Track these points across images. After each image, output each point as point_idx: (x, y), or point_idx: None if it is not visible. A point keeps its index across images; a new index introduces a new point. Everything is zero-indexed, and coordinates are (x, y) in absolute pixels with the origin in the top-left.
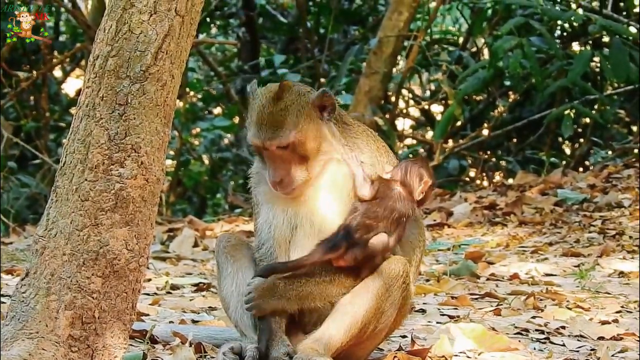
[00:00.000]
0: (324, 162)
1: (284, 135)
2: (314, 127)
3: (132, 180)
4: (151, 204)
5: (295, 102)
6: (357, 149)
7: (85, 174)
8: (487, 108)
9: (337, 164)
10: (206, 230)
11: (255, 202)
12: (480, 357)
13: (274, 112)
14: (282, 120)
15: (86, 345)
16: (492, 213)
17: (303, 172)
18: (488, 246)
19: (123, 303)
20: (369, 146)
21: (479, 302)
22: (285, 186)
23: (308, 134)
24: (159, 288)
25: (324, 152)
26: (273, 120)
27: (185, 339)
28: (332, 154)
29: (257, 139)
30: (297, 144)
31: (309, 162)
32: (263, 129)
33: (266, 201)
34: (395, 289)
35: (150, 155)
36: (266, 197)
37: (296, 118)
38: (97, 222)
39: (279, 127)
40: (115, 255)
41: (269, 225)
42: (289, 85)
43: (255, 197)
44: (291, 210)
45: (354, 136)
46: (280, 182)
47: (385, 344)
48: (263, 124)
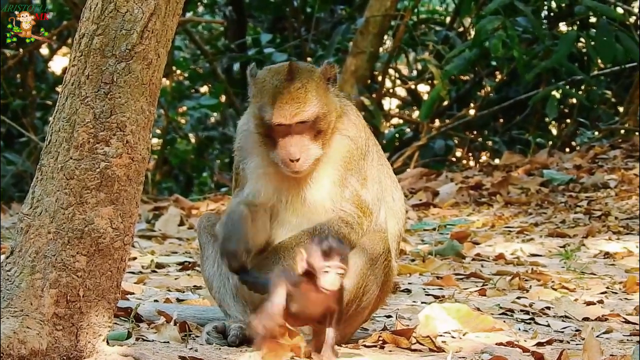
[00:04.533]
0: (332, 136)
1: (309, 110)
2: (328, 99)
3: (117, 158)
4: (136, 183)
5: (309, 78)
6: (347, 121)
7: (71, 153)
8: (473, 88)
9: (342, 137)
10: (192, 209)
11: (242, 173)
12: (465, 337)
13: (293, 90)
14: (305, 96)
15: (71, 323)
16: (478, 193)
17: (318, 149)
18: (474, 226)
19: (108, 281)
20: (357, 118)
21: (464, 282)
22: (302, 164)
23: (328, 106)
24: (144, 267)
25: (334, 125)
26: (295, 97)
27: (170, 317)
28: (338, 126)
29: (281, 116)
30: (320, 117)
31: (323, 137)
32: (286, 106)
33: (256, 175)
34: (377, 267)
35: (136, 134)
36: (257, 172)
37: (315, 92)
38: (82, 201)
39: (303, 102)
40: (100, 234)
41: (256, 192)
42: (297, 64)
43: (242, 171)
44: (284, 185)
45: (346, 108)
46: (298, 160)
47: (370, 323)
48: (284, 103)
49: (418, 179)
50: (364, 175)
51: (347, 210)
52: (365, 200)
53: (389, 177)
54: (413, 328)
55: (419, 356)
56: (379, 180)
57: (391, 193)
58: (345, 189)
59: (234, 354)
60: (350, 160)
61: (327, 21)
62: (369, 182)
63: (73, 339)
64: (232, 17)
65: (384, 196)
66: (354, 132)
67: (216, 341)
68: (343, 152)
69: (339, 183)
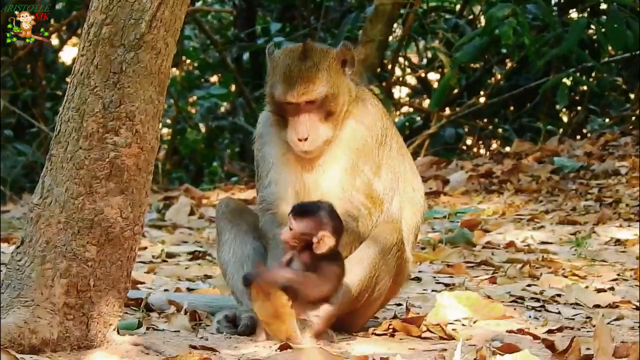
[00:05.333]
0: (345, 121)
1: (317, 89)
2: (341, 81)
3: (126, 148)
4: (146, 172)
5: (322, 58)
6: (364, 108)
7: (80, 143)
8: (483, 76)
9: (355, 128)
10: (202, 199)
11: (263, 164)
12: (476, 325)
13: (304, 69)
14: (315, 76)
15: (81, 313)
16: (489, 181)
17: (327, 130)
18: (484, 214)
19: (118, 271)
20: (374, 107)
21: (475, 270)
22: (311, 143)
23: (339, 88)
24: (155, 256)
25: (347, 109)
26: (304, 77)
27: (180, 307)
28: (350, 116)
29: (289, 94)
30: (329, 97)
31: (334, 119)
32: (295, 85)
33: (277, 162)
34: (389, 257)
35: (145, 124)
36: (277, 159)
37: (326, 73)
38: (92, 191)
39: (312, 81)
40: (110, 224)
41: (277, 183)
42: (312, 44)
43: (262, 160)
44: (301, 173)
45: (364, 95)
46: (306, 138)
47: (381, 312)
48: (294, 81)
49: (428, 167)
50: (378, 164)
51: (355, 202)
52: (377, 189)
53: (409, 167)
54: (423, 316)
55: (430, 344)
56: (395, 169)
57: (411, 183)
58: (357, 177)
59: (245, 343)
60: (363, 148)
61: (336, 10)
62: (383, 171)
63: (84, 328)
64: (242, 6)
65: (403, 186)
66: (369, 119)
67: (227, 330)
68: (357, 138)
69: (351, 170)
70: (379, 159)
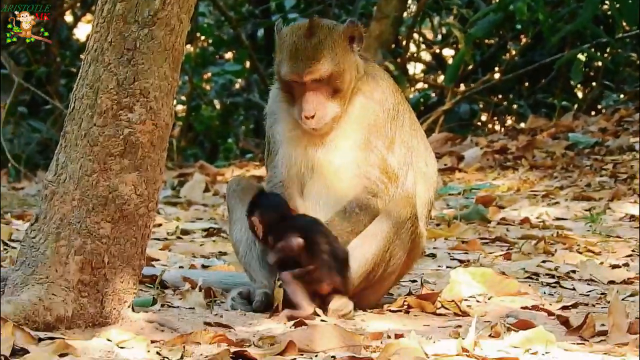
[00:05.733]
0: (351, 102)
1: (322, 67)
2: (348, 58)
3: (140, 125)
4: (160, 149)
5: (329, 35)
6: (374, 83)
7: (94, 119)
8: (498, 51)
9: (364, 104)
10: (217, 175)
11: (273, 141)
12: (490, 301)
13: (310, 47)
14: (319, 53)
15: (96, 290)
16: (503, 157)
17: (335, 107)
18: (499, 190)
19: (132, 248)
20: (385, 82)
21: (490, 247)
22: (317, 120)
23: (345, 65)
24: (169, 233)
25: (355, 85)
26: (310, 54)
27: (195, 284)
28: (359, 92)
29: (294, 73)
30: (335, 75)
31: (342, 96)
32: (300, 63)
33: (286, 140)
34: (403, 232)
35: (159, 100)
36: (286, 136)
37: (332, 50)
38: (106, 167)
39: (317, 59)
40: (125, 201)
41: (287, 161)
42: (318, 21)
43: (272, 137)
44: (312, 150)
45: (374, 71)
46: (313, 116)
47: (395, 288)
48: (300, 59)
49: (443, 143)
50: (391, 139)
51: (372, 177)
52: (391, 164)
53: (422, 142)
54: (438, 292)
55: (444, 320)
56: (408, 144)
57: (424, 158)
58: (371, 153)
59: (259, 319)
60: (375, 123)
61: None
62: (397, 146)
63: (98, 305)
64: None
65: (416, 161)
66: (380, 94)
67: (241, 307)
68: (368, 114)
69: (364, 147)
70: (392, 134)
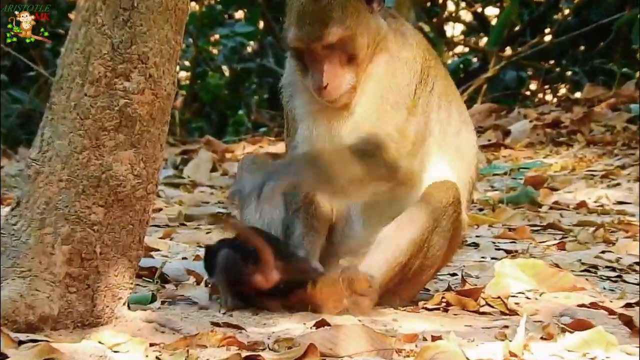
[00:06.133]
0: (375, 63)
1: (330, 32)
2: (363, 20)
3: (138, 95)
4: (161, 123)
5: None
6: (402, 41)
7: (85, 89)
8: (549, 10)
9: (390, 63)
10: (226, 153)
11: (290, 117)
12: (542, 297)
13: (317, 9)
14: (328, 17)
15: (86, 285)
16: (556, 132)
17: (350, 77)
18: (551, 170)
19: (129, 236)
20: (414, 40)
21: (540, 235)
22: (331, 92)
23: (357, 28)
24: (171, 219)
25: (375, 50)
26: (317, 18)
27: (200, 278)
28: (384, 52)
29: (300, 40)
30: (345, 40)
31: (359, 63)
32: (306, 28)
33: (305, 116)
34: (444, 218)
35: (160, 67)
36: (304, 111)
37: (342, 13)
38: (99, 144)
39: (325, 24)
40: (120, 182)
41: (308, 142)
42: None
43: (290, 113)
44: (337, 124)
45: (403, 28)
46: (325, 87)
47: (432, 283)
48: (306, 23)
49: (486, 116)
50: (414, 103)
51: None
52: (409, 131)
53: (457, 115)
54: (481, 288)
55: (488, 320)
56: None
57: (461, 133)
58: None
59: (275, 319)
60: (398, 83)
61: None
62: (419, 114)
63: (89, 302)
64: None
65: (451, 137)
66: (407, 53)
67: None
68: (392, 74)
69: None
70: (416, 99)
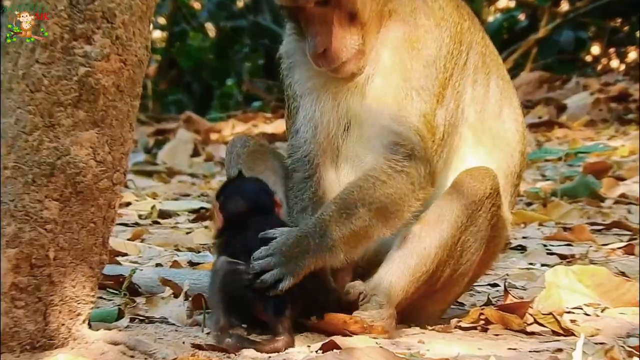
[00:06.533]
0: (389, 29)
1: None
2: None
3: (103, 62)
4: (130, 96)
5: None
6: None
7: (37, 54)
8: None
9: (408, 32)
10: (211, 133)
11: (291, 94)
12: (604, 314)
13: None
14: None
15: (36, 298)
16: (623, 107)
17: (354, 39)
18: (616, 155)
19: (90, 238)
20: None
21: (603, 236)
22: (332, 58)
23: None
24: (142, 216)
25: (383, 9)
26: None
27: (179, 289)
28: (398, 15)
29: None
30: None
31: (363, 22)
32: None
33: (307, 91)
34: (480, 214)
35: (129, 27)
36: (306, 86)
37: None
38: (53, 122)
39: None
40: (79, 170)
41: (312, 124)
42: None
43: (290, 88)
44: (343, 102)
45: None
46: (323, 53)
47: (467, 296)
48: None
49: (536, 87)
50: (443, 84)
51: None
52: (438, 119)
53: (499, 89)
54: (529, 302)
55: (538, 341)
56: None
57: (503, 112)
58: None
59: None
60: (420, 57)
61: None
62: (448, 96)
63: (40, 320)
64: None
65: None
66: (425, 19)
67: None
68: (410, 45)
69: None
70: (445, 77)
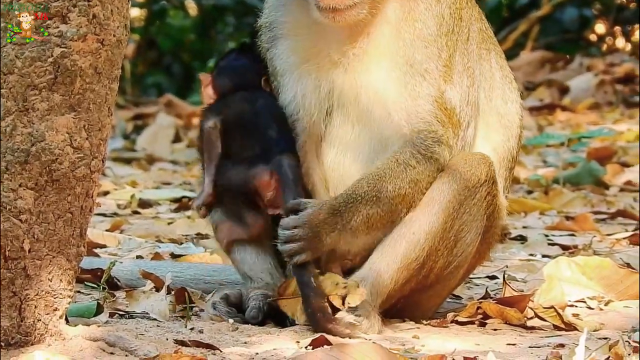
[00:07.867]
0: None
1: None
2: None
3: (79, 42)
4: (109, 79)
5: None
6: None
7: (8, 33)
8: None
9: (408, 10)
10: (193, 117)
11: (272, 70)
12: (608, 308)
13: None
14: None
15: (11, 292)
16: (629, 89)
17: None
18: (622, 139)
19: (67, 228)
20: None
21: (608, 225)
22: None
23: None
24: (121, 206)
25: None
26: None
27: (161, 282)
28: None
29: None
30: None
31: None
32: None
33: (290, 67)
34: (475, 202)
35: (107, 5)
36: (290, 62)
37: None
38: (27, 107)
39: None
40: (55, 157)
41: (297, 106)
42: None
43: (271, 64)
44: (328, 80)
45: None
46: None
47: (464, 289)
48: None
49: (538, 67)
50: (447, 61)
51: (425, 114)
52: (451, 100)
53: (497, 69)
54: (529, 295)
55: (538, 337)
56: (473, 71)
57: (500, 92)
58: (420, 78)
59: (257, 337)
60: (422, 36)
61: None
62: (456, 73)
63: (15, 315)
64: None
65: (488, 95)
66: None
67: (228, 317)
68: (412, 23)
69: (409, 69)
70: (448, 54)
